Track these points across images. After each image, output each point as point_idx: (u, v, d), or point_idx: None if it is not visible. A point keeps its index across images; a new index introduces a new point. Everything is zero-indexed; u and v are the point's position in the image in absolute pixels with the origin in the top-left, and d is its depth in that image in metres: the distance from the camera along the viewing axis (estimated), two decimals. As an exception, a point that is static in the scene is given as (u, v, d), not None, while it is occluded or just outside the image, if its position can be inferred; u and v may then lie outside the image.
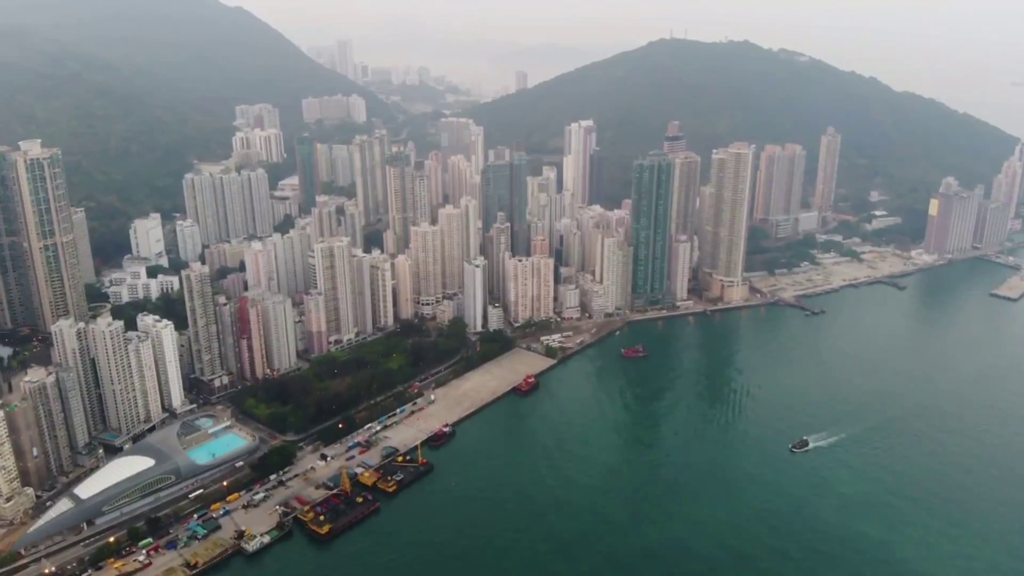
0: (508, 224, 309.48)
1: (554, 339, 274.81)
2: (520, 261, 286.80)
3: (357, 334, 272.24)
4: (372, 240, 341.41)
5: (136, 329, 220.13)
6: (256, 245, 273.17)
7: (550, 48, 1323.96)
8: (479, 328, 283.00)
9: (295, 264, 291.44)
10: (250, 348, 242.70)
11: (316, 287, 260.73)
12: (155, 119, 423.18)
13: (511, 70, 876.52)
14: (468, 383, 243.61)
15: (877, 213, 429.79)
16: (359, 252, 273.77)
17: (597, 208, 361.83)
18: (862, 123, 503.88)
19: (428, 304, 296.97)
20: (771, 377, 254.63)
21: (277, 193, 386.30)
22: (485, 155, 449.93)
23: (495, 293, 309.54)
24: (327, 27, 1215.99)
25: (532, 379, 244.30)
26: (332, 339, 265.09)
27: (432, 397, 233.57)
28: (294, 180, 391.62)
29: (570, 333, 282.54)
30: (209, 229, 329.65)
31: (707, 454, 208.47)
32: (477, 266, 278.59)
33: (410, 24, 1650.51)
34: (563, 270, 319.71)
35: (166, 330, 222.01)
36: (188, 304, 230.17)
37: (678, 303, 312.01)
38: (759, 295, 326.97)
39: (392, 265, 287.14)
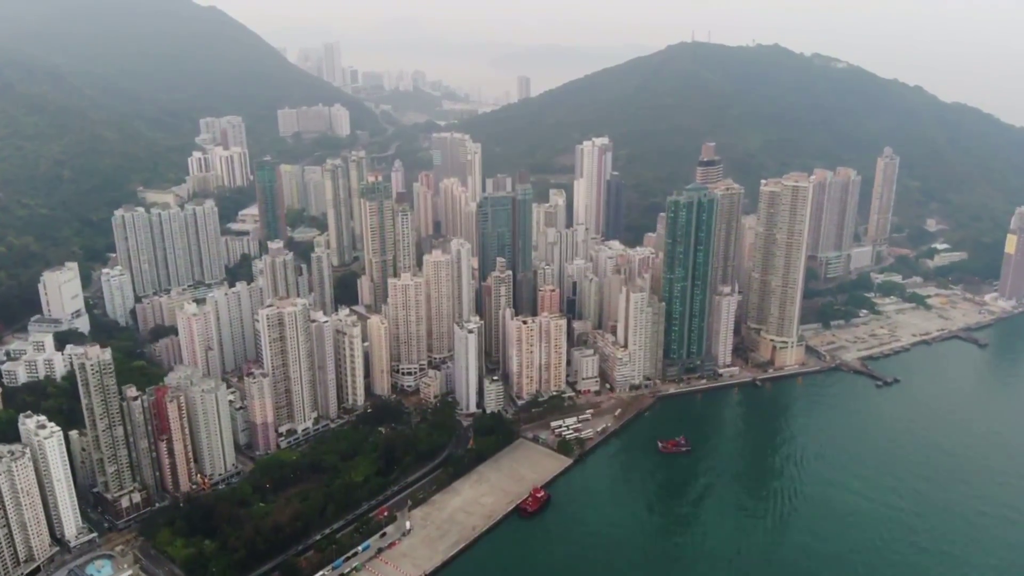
0: (509, 272, 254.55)
1: (568, 425, 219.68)
2: (525, 323, 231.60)
3: (317, 420, 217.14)
4: (346, 287, 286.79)
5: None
6: (190, 308, 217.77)
7: (552, 49, 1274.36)
8: (472, 408, 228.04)
9: (243, 327, 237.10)
10: (171, 452, 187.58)
11: (261, 366, 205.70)
12: (96, 137, 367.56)
13: (512, 73, 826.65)
14: (456, 499, 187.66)
15: (939, 247, 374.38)
16: (319, 316, 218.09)
17: (616, 245, 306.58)
18: (911, 139, 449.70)
19: (410, 374, 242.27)
20: (824, 492, 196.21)
21: (235, 226, 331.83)
22: (483, 178, 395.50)
23: (493, 356, 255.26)
24: (317, 28, 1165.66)
25: (541, 493, 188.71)
26: (283, 429, 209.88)
27: (408, 524, 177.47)
28: (256, 209, 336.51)
29: (588, 415, 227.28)
30: (145, 277, 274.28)
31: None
32: (471, 331, 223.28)
33: (407, 25, 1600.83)
34: (577, 325, 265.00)
35: (52, 439, 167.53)
36: (84, 402, 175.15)
37: (720, 370, 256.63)
38: (817, 357, 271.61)
39: (364, 327, 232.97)
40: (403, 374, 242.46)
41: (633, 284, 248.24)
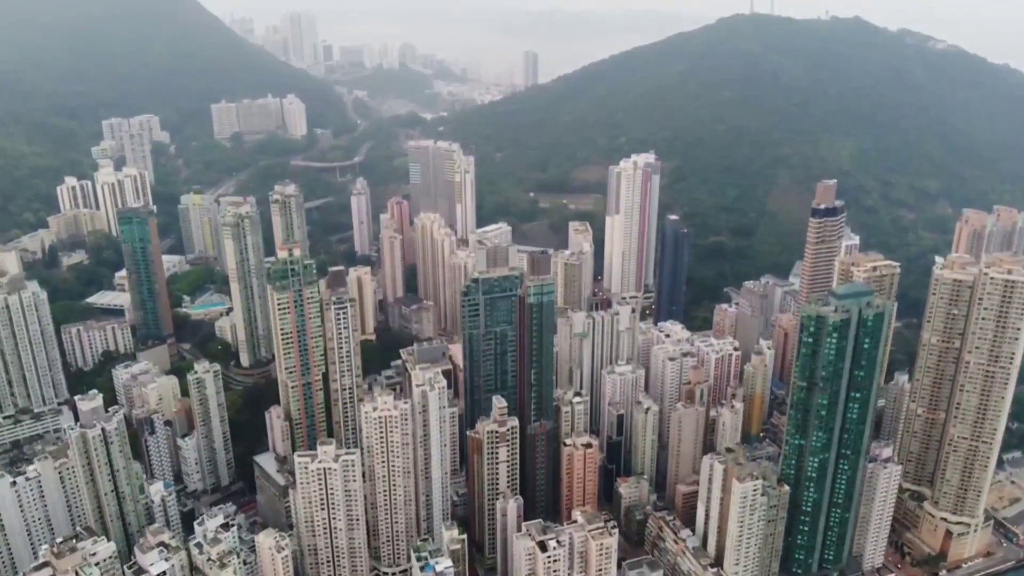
0: (514, 423, 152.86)
1: None
2: (544, 548, 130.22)
3: None
4: (259, 408, 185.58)
5: None
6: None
7: (563, 16, 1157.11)
8: None
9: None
10: None
11: None
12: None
13: (516, 46, 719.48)
14: None
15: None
16: (149, 559, 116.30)
17: (677, 330, 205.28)
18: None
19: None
20: None
21: (104, 299, 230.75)
22: (476, 207, 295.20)
23: (487, 557, 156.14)
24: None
25: None
26: None
27: None
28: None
29: None
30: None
31: None
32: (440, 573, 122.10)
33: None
34: (623, 489, 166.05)
35: None
36: None
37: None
38: (1005, 538, 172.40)
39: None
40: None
41: (741, 470, 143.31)
